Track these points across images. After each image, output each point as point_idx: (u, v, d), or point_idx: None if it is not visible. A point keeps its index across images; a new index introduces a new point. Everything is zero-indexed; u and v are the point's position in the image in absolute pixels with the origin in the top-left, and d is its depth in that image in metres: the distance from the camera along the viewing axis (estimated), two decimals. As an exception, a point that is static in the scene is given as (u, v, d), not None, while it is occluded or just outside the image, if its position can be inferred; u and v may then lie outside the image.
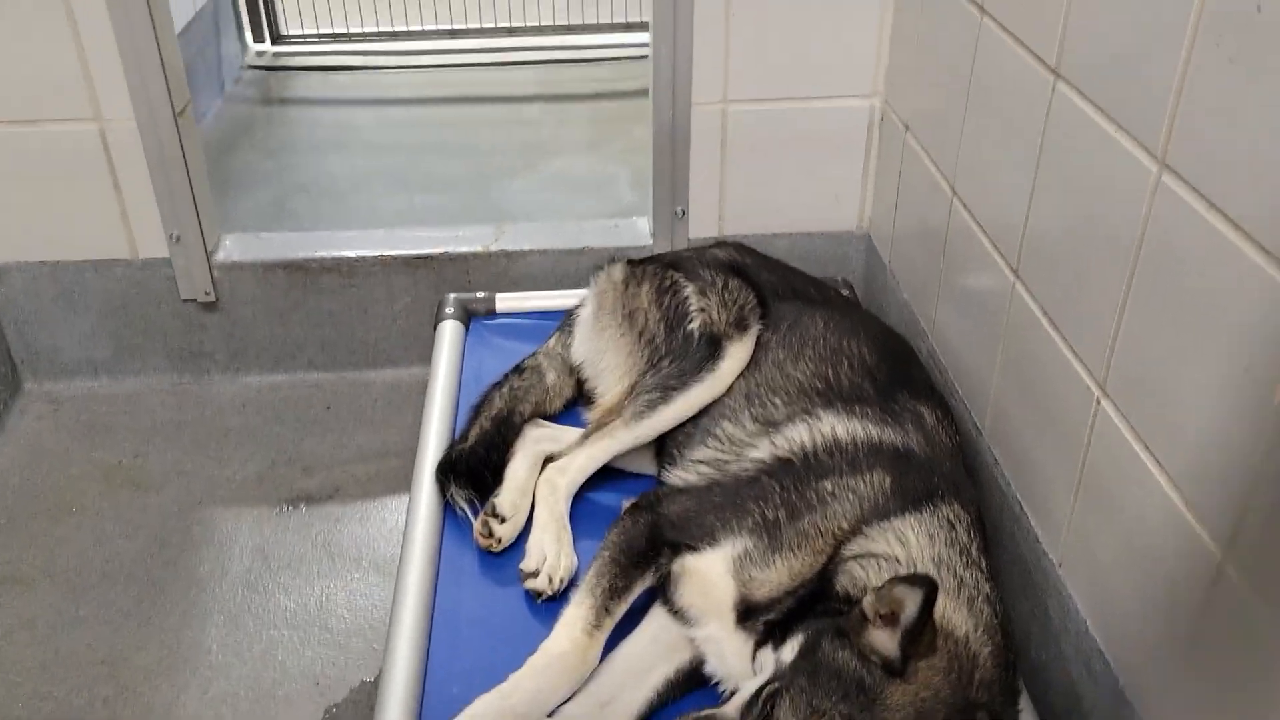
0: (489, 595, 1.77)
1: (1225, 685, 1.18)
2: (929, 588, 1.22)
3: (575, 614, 1.56)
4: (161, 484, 2.38)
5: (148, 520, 2.27)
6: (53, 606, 2.06)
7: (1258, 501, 1.10)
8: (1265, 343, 1.08)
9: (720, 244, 2.25)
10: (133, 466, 2.44)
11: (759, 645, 1.46)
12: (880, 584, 1.32)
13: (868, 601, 1.29)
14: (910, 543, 1.46)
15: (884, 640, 1.27)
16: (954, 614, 1.38)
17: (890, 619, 1.27)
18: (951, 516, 1.51)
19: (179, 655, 1.95)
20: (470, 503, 1.91)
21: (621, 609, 1.59)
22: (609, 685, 1.54)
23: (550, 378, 2.15)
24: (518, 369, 2.17)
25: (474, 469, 1.93)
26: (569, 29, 4.37)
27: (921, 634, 1.25)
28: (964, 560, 1.48)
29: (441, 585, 1.77)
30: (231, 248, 2.65)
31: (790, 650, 1.36)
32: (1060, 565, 1.56)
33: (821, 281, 2.20)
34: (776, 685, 1.29)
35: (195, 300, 2.63)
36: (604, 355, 2.10)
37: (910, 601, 1.24)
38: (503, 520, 1.85)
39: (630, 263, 2.14)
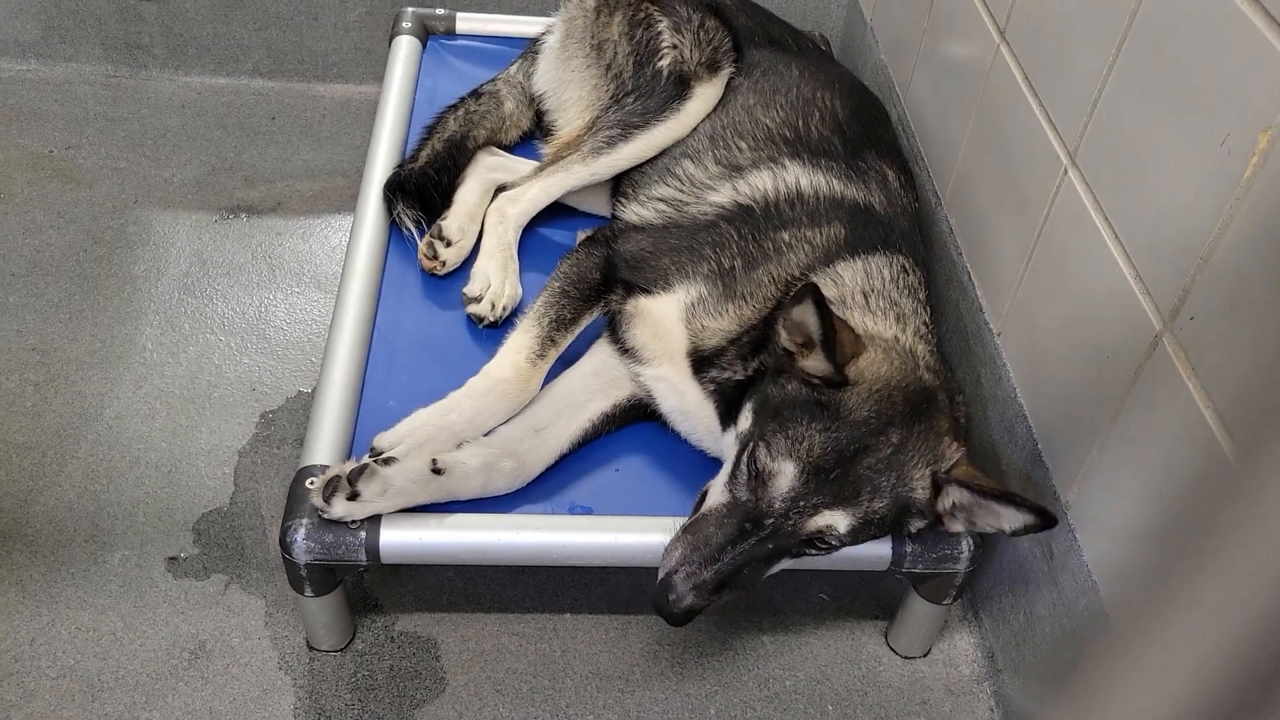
0: (430, 317, 1.76)
1: (1135, 454, 1.22)
2: (812, 292, 1.23)
3: (521, 341, 1.56)
4: (94, 179, 2.29)
5: (80, 214, 2.19)
6: (-20, 291, 2.01)
7: (1206, 276, 1.11)
8: (1250, 116, 1.05)
9: (699, -21, 2.13)
10: (63, 158, 2.33)
11: (723, 420, 1.46)
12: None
13: (783, 338, 1.32)
14: (844, 281, 1.47)
15: (817, 362, 1.30)
16: (875, 324, 1.43)
17: (809, 343, 1.30)
18: (904, 264, 1.52)
19: (112, 350, 1.92)
20: (417, 224, 1.86)
21: (567, 341, 1.59)
22: (546, 413, 1.56)
23: (508, 105, 2.07)
24: (475, 93, 2.08)
25: (423, 189, 1.88)
26: None
27: (834, 337, 1.26)
28: (902, 292, 1.50)
29: (383, 303, 1.75)
30: (172, -69, 2.44)
31: (745, 419, 1.38)
32: (999, 335, 1.59)
33: (800, 32, 2.11)
34: (751, 445, 1.31)
35: (132, -14, 2.45)
36: (567, 87, 2.01)
37: (808, 314, 1.26)
38: (449, 244, 1.81)
39: (604, -10, 2.02)
